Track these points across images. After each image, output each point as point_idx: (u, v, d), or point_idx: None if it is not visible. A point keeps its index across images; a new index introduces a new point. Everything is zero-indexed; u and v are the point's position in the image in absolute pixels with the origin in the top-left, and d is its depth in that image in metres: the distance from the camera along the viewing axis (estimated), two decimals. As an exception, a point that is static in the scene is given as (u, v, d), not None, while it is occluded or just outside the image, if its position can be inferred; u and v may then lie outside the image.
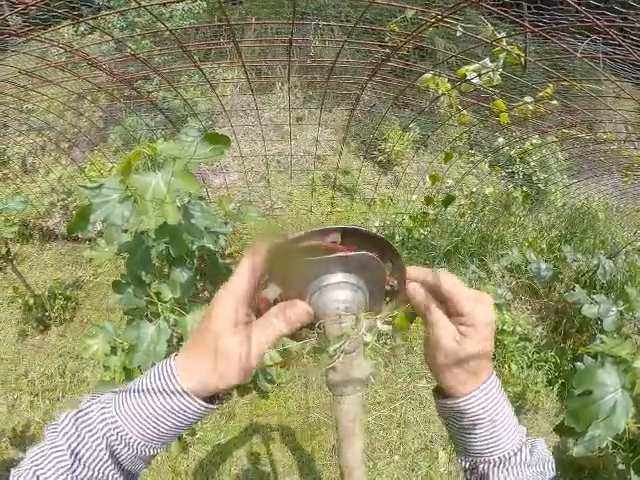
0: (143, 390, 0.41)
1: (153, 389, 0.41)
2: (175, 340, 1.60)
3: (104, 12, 4.81)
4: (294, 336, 0.47)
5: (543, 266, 3.17)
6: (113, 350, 1.91)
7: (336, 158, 3.59)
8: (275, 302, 0.45)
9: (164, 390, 0.41)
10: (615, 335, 2.34)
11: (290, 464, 2.38)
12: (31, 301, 3.05)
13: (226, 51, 4.70)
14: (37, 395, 2.66)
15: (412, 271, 0.48)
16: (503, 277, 3.49)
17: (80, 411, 0.42)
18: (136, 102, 4.08)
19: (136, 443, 0.41)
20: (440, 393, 0.51)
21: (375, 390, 2.78)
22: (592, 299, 2.54)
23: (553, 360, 3.02)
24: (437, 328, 0.46)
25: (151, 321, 1.54)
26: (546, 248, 3.89)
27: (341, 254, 0.43)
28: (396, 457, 2.46)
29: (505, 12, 1.19)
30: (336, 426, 0.45)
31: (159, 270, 1.64)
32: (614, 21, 1.25)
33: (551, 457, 0.50)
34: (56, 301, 3.12)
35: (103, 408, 0.42)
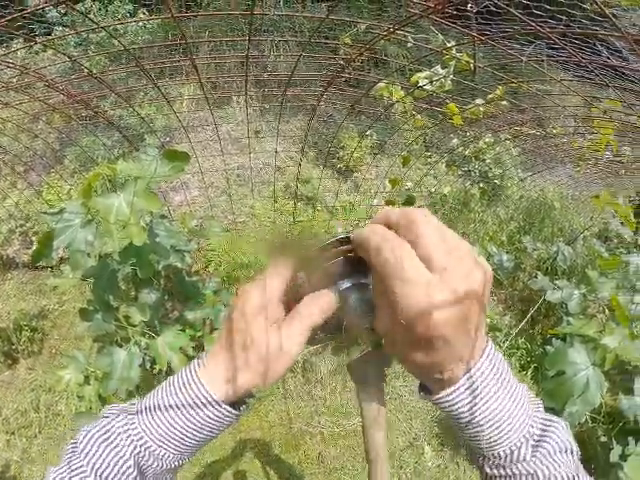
0: (171, 405, 0.40)
1: (183, 403, 0.40)
2: (148, 364, 1.56)
3: (57, 29, 4.68)
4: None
5: (505, 258, 3.30)
6: (86, 379, 1.85)
7: (296, 168, 3.62)
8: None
9: (195, 403, 0.40)
10: (581, 316, 2.47)
11: (278, 477, 2.35)
12: (-4, 335, 2.91)
13: (181, 67, 4.66)
14: (13, 433, 2.53)
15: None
16: (467, 272, 3.59)
17: (101, 428, 0.41)
18: (92, 122, 3.98)
19: (166, 457, 0.40)
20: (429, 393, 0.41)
21: (352, 397, 2.80)
22: (555, 285, 2.67)
23: (524, 346, 3.14)
24: (395, 278, 0.33)
25: (121, 346, 1.50)
26: (506, 240, 4.04)
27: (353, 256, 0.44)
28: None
29: (453, 23, 1.25)
30: (362, 415, 0.49)
31: (126, 293, 1.61)
32: (555, 27, 1.34)
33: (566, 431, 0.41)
34: (22, 333, 2.99)
35: (126, 424, 0.40)
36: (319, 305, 0.42)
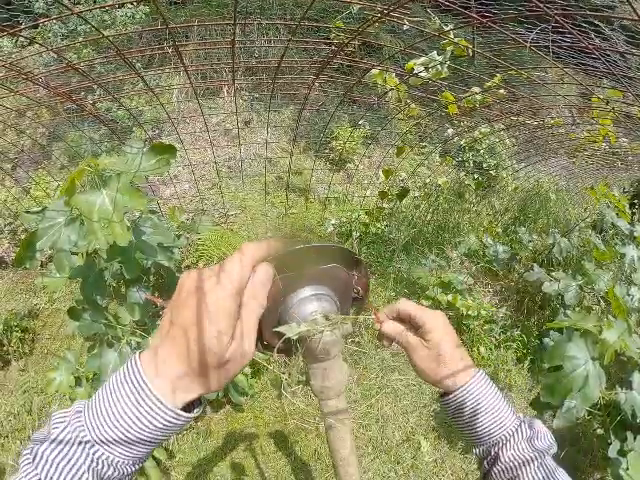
0: (120, 414, 0.38)
1: (134, 413, 0.38)
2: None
3: (42, 20, 4.55)
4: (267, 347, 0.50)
5: (500, 249, 3.28)
6: (78, 381, 1.81)
7: (287, 160, 3.56)
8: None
9: (146, 412, 0.38)
10: (577, 308, 2.46)
11: (275, 474, 2.33)
12: (-13, 336, 2.85)
13: (170, 57, 4.56)
14: (7, 437, 2.49)
15: (386, 310, 0.61)
16: (462, 263, 3.58)
17: (54, 440, 0.38)
18: (79, 115, 3.89)
19: (120, 464, 0.39)
20: (442, 395, 0.61)
21: (349, 389, 2.77)
22: (551, 276, 2.65)
23: (520, 338, 3.13)
24: (414, 347, 0.59)
25: (112, 345, 1.46)
26: (502, 231, 4.03)
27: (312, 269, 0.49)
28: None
29: (453, 4, 1.20)
30: (326, 429, 0.52)
31: (115, 290, 1.56)
32: (565, 9, 1.28)
33: (548, 430, 0.58)
34: (13, 334, 2.93)
35: (79, 435, 0.38)
36: (256, 284, 0.42)
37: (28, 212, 1.30)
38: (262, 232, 3.68)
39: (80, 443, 0.38)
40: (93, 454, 0.38)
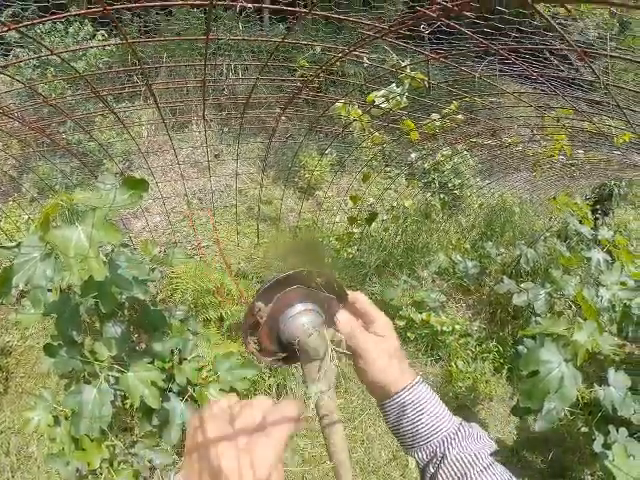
0: None
1: None
2: (120, 399, 1.50)
3: (17, 49, 4.55)
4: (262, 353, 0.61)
5: (470, 264, 3.39)
6: (56, 420, 1.75)
7: (257, 190, 3.61)
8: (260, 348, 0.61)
9: None
10: (548, 314, 2.55)
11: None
12: (-41, 376, 2.72)
13: (140, 90, 4.60)
14: (-15, 480, 2.37)
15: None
16: (434, 282, 3.67)
17: None
18: (50, 148, 3.86)
19: None
20: (384, 399, 0.62)
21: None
22: (520, 288, 2.75)
23: (495, 349, 3.21)
24: (365, 343, 0.60)
25: (89, 382, 1.44)
26: (470, 247, 4.16)
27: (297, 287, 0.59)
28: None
29: (407, 44, 1.30)
30: (321, 421, 0.57)
31: (90, 326, 1.54)
32: (506, 44, 1.41)
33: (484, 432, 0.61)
34: (-14, 372, 2.81)
35: None
36: (286, 418, 0.43)
37: (3, 247, 1.29)
38: (235, 262, 3.68)
39: None
40: None
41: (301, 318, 0.58)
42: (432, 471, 0.57)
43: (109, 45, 4.87)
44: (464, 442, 0.56)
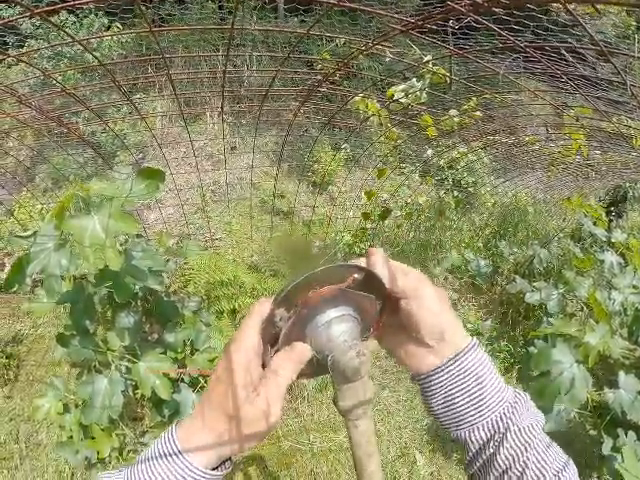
0: (153, 473, 0.42)
1: (165, 471, 0.41)
2: (131, 389, 1.50)
3: (31, 41, 4.58)
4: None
5: (482, 263, 3.36)
6: (66, 407, 1.77)
7: (271, 183, 3.60)
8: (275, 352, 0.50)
9: (181, 476, 0.41)
10: (560, 315, 2.52)
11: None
12: (-29, 363, 2.77)
13: (154, 81, 4.61)
14: (-6, 466, 2.41)
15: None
16: (446, 279, 3.64)
17: None
18: (64, 138, 3.89)
19: None
20: (432, 362, 0.49)
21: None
22: (533, 287, 2.72)
23: (507, 349, 3.18)
24: (417, 281, 0.51)
25: (101, 372, 1.44)
26: (483, 246, 4.12)
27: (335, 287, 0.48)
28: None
29: (433, 39, 1.28)
30: (354, 447, 0.50)
31: (103, 316, 1.55)
32: (533, 42, 1.38)
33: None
34: (-2, 360, 2.86)
35: None
36: (292, 360, 0.45)
37: (19, 236, 1.30)
38: (248, 256, 3.69)
39: None
40: None
41: (334, 327, 0.48)
42: (490, 451, 0.45)
43: (129, 34, 4.87)
44: (523, 415, 0.46)
